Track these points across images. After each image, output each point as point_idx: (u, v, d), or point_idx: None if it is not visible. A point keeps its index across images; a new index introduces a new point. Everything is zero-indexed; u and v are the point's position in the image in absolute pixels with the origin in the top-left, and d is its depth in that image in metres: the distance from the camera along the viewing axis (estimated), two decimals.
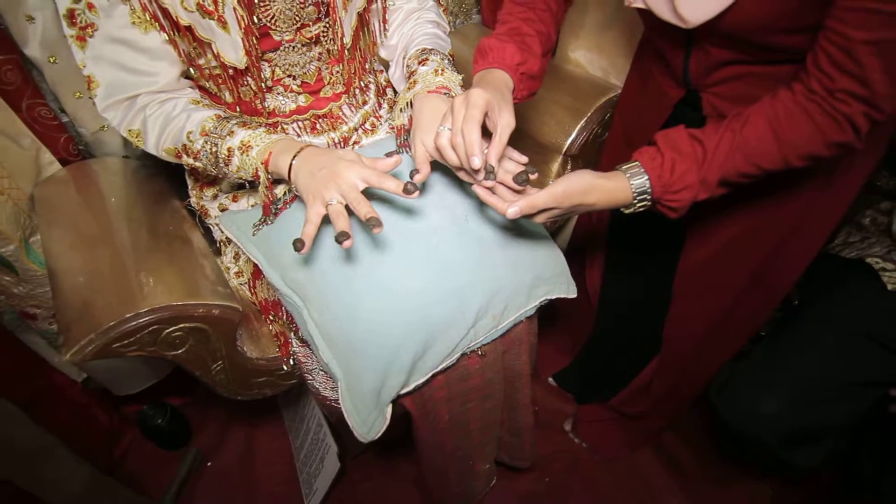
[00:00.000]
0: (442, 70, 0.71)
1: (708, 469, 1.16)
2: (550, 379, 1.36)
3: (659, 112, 0.73)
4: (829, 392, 0.76)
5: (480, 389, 0.79)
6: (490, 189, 0.60)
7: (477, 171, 0.58)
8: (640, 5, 0.56)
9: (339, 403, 0.75)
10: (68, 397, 1.09)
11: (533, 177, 0.59)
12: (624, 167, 0.59)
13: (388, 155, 0.64)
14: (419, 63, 0.73)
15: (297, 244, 0.60)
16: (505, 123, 0.59)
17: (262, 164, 0.66)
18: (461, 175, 0.63)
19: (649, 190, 0.57)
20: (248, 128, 0.68)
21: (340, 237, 0.58)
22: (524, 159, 0.62)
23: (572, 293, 0.79)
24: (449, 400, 0.76)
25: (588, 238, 1.09)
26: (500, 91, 0.62)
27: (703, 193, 0.57)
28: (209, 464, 1.20)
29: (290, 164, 0.64)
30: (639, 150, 0.59)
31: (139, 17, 0.64)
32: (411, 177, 0.64)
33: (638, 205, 0.59)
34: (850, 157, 0.65)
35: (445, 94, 0.68)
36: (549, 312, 1.42)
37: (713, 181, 0.56)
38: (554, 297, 0.77)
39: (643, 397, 1.11)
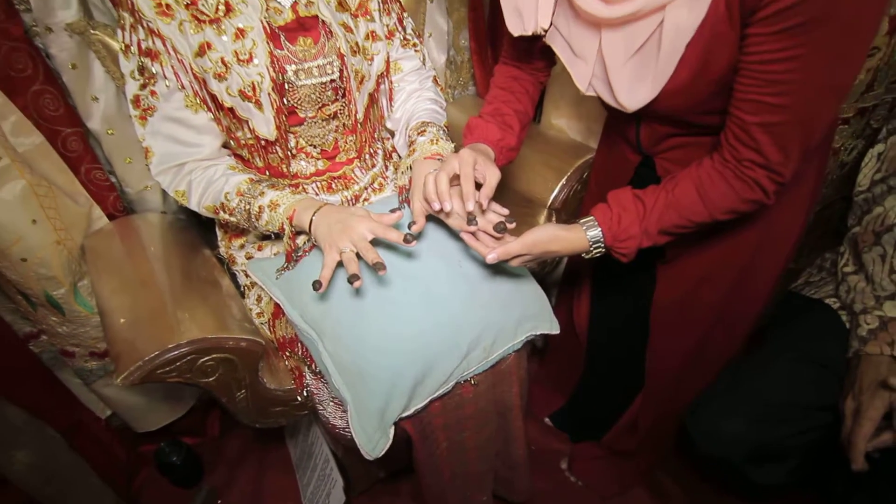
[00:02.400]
0: (437, 140, 0.85)
1: None
2: (547, 419, 1.42)
3: (624, 173, 0.86)
4: (785, 413, 0.84)
5: (474, 418, 0.87)
6: (474, 235, 0.72)
7: (468, 215, 0.71)
8: (593, 94, 0.70)
9: (346, 431, 0.84)
10: (93, 432, 1.17)
11: (511, 226, 0.71)
12: (581, 221, 0.71)
13: (392, 211, 0.76)
14: (418, 134, 0.87)
15: (316, 285, 0.71)
16: (492, 174, 0.72)
17: (287, 219, 0.79)
18: (450, 223, 0.75)
19: (602, 239, 0.69)
20: (276, 189, 0.81)
21: (352, 279, 0.70)
22: (505, 212, 0.74)
23: (555, 329, 0.89)
24: (446, 427, 0.84)
25: (574, 279, 1.19)
26: (486, 154, 0.76)
27: (646, 242, 0.68)
28: (219, 502, 1.26)
29: (311, 219, 0.77)
30: (594, 207, 0.71)
31: (191, 101, 0.79)
32: (410, 227, 0.76)
33: (594, 251, 0.71)
34: (784, 215, 0.77)
35: (439, 159, 0.81)
36: (545, 354, 1.50)
37: (653, 232, 0.67)
38: (539, 333, 0.87)
39: (632, 433, 1.17)
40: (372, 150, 0.97)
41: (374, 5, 0.87)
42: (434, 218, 0.79)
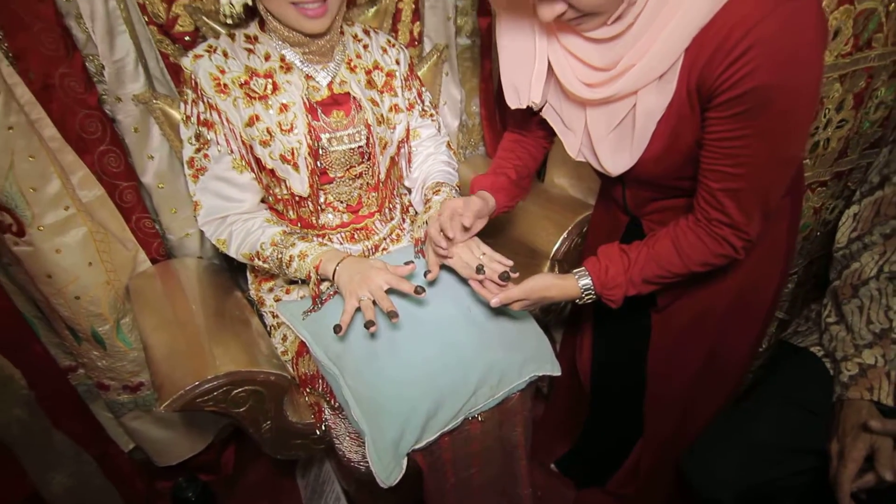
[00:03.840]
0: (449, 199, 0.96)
1: None
2: (553, 465, 1.45)
3: (616, 231, 0.96)
4: (774, 456, 0.89)
5: (481, 455, 0.93)
6: (481, 283, 0.82)
7: (477, 266, 0.82)
8: (583, 160, 0.81)
9: (360, 465, 0.90)
10: (116, 464, 1.22)
11: (514, 275, 0.80)
12: (574, 271, 0.80)
13: (406, 263, 0.87)
14: (433, 193, 0.98)
15: (336, 328, 0.80)
16: (472, 204, 0.86)
17: (314, 268, 0.89)
18: (460, 270, 0.86)
19: (592, 287, 0.78)
20: (306, 241, 0.92)
21: (368, 324, 0.79)
22: (509, 263, 0.84)
23: (557, 371, 0.96)
24: (454, 462, 0.90)
25: (577, 327, 1.26)
26: (481, 198, 0.90)
27: (631, 290, 0.77)
28: None
29: (335, 269, 0.87)
30: (586, 259, 0.80)
31: (238, 164, 0.92)
32: (425, 276, 0.85)
33: (585, 297, 0.80)
34: (762, 266, 0.86)
35: None
36: (550, 400, 1.55)
37: (637, 281, 0.76)
38: (541, 374, 0.94)
39: (635, 478, 1.20)
40: (391, 205, 1.08)
41: (398, 83, 1.01)
42: (447, 267, 0.89)
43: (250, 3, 0.84)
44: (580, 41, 0.71)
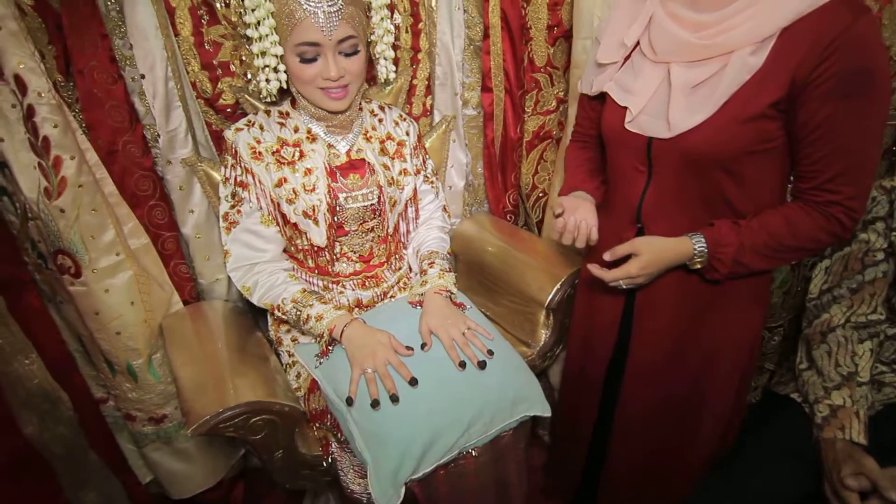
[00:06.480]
0: (443, 274, 1.10)
1: None
2: None
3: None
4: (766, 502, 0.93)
5: (476, 492, 0.99)
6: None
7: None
8: (635, 129, 0.86)
9: (362, 496, 0.98)
10: (134, 495, 1.30)
11: (491, 358, 0.96)
12: (687, 235, 0.86)
13: (408, 347, 0.98)
14: (429, 265, 1.12)
15: (349, 400, 0.91)
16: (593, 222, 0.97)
17: (328, 330, 1.00)
18: (450, 354, 0.98)
19: (705, 246, 0.84)
20: (322, 302, 1.03)
21: (374, 405, 0.89)
22: (491, 338, 1.02)
23: (547, 413, 1.03)
24: (450, 497, 0.96)
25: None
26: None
27: (740, 254, 0.83)
28: None
29: (342, 332, 0.99)
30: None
31: (266, 218, 1.06)
32: (423, 347, 0.98)
33: (696, 258, 0.85)
34: (743, 321, 0.95)
35: (446, 294, 1.07)
36: (552, 449, 1.57)
37: (747, 245, 0.82)
38: (532, 415, 1.01)
39: None
40: (399, 256, 1.20)
41: (407, 150, 1.16)
42: None
43: (285, 87, 1.01)
44: (686, 11, 0.80)
